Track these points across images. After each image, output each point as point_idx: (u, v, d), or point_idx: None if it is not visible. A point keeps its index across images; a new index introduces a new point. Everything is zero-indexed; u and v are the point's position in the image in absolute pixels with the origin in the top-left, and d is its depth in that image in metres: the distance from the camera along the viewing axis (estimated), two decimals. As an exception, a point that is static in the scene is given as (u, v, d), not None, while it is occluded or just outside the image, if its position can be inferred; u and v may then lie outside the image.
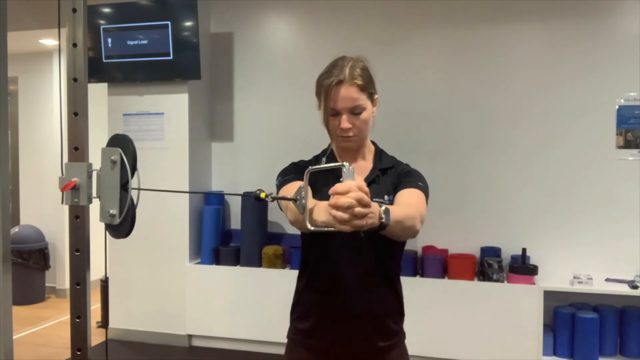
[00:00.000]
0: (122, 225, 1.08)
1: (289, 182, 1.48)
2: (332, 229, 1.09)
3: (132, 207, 1.08)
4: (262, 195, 1.19)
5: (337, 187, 1.07)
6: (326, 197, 1.23)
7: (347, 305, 1.47)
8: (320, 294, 1.50)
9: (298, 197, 1.18)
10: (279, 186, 1.51)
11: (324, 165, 1.20)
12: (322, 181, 1.48)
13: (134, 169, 1.08)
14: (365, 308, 1.47)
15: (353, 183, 1.07)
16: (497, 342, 3.48)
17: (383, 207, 1.19)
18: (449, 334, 3.56)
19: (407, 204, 1.39)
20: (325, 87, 1.45)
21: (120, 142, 1.09)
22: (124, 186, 1.08)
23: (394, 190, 1.51)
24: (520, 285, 3.49)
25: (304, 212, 1.17)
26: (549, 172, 3.77)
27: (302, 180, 1.32)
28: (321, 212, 1.19)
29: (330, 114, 1.47)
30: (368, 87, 1.48)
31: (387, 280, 1.51)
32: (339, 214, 1.05)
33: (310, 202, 1.24)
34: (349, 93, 1.44)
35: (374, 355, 1.49)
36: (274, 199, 1.20)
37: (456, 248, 3.85)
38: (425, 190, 1.49)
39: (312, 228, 1.15)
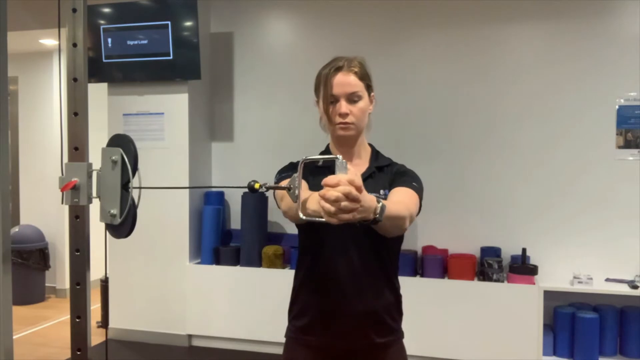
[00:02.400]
0: (122, 225, 1.08)
1: (286, 178, 1.48)
2: (322, 219, 1.10)
3: (133, 207, 1.08)
4: (257, 185, 1.19)
5: (328, 179, 1.07)
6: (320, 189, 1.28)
7: (344, 302, 1.47)
8: (317, 291, 1.50)
9: (292, 186, 1.20)
10: (277, 182, 1.54)
11: (318, 157, 1.23)
12: (319, 178, 1.49)
13: (135, 168, 1.08)
14: (363, 304, 1.47)
15: (344, 176, 1.07)
16: (497, 342, 3.48)
17: (380, 204, 1.20)
18: (449, 334, 3.56)
19: (399, 201, 1.38)
20: (324, 76, 1.51)
21: (121, 141, 1.09)
22: (125, 186, 1.08)
23: (389, 186, 1.53)
24: (520, 285, 3.49)
25: (296, 201, 1.18)
26: (549, 172, 3.77)
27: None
28: (313, 202, 1.21)
29: (329, 101, 1.50)
30: (365, 78, 1.53)
31: (384, 277, 1.52)
32: (327, 205, 1.06)
33: (306, 192, 1.27)
34: (346, 79, 1.49)
35: (372, 352, 1.50)
36: (268, 188, 1.20)
37: (456, 248, 3.85)
38: (418, 190, 1.49)
39: (304, 217, 1.18)
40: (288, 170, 1.56)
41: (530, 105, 3.80)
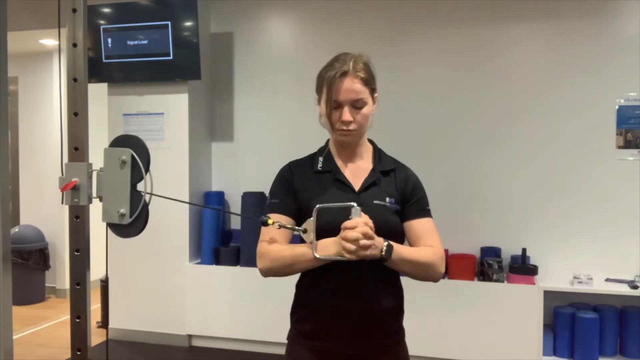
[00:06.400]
0: (133, 225, 1.09)
1: (274, 209, 1.52)
2: (340, 258, 1.30)
3: (146, 207, 1.08)
4: (270, 222, 1.34)
5: (347, 223, 1.29)
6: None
7: (349, 306, 1.46)
8: (322, 295, 1.49)
9: (306, 229, 1.34)
10: (267, 208, 1.55)
11: (333, 205, 1.34)
12: (312, 184, 1.52)
13: (147, 169, 1.09)
14: (367, 307, 1.47)
15: (360, 220, 1.28)
16: (497, 342, 3.48)
17: (386, 243, 1.34)
18: (449, 334, 3.56)
19: (429, 247, 1.50)
20: (329, 79, 1.45)
21: (131, 142, 1.10)
22: (135, 186, 1.08)
23: (401, 200, 1.53)
24: (520, 285, 3.49)
25: (311, 243, 1.34)
26: (549, 172, 3.77)
27: (288, 202, 1.50)
28: (330, 245, 1.35)
29: (333, 106, 1.46)
30: (370, 82, 1.49)
31: (387, 279, 1.51)
32: (348, 245, 1.27)
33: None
34: (352, 85, 1.45)
35: (376, 354, 1.49)
36: (280, 226, 1.39)
37: (456, 248, 3.85)
38: (430, 212, 1.58)
39: (319, 256, 1.33)
40: (276, 192, 1.54)
41: (530, 105, 3.80)
